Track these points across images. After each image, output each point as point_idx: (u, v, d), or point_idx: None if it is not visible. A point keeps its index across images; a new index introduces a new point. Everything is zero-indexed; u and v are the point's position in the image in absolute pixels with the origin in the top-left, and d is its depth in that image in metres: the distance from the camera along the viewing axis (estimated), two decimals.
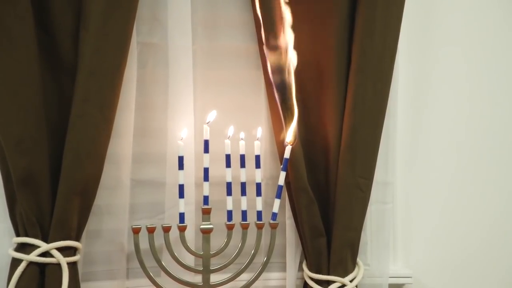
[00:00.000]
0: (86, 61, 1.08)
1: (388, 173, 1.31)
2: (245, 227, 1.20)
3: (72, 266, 1.09)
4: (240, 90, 1.30)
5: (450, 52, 1.41)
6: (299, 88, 1.22)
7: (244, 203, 1.19)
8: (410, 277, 1.37)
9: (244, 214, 1.19)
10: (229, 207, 1.18)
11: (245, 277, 1.21)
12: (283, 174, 1.20)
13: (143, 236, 1.15)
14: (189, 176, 1.21)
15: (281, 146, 1.22)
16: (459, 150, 1.42)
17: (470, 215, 1.42)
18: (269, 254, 1.21)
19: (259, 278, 1.22)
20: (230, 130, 1.20)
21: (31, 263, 1.06)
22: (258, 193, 1.20)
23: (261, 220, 1.21)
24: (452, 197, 1.42)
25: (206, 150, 1.17)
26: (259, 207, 1.21)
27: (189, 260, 1.21)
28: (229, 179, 1.18)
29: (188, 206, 1.20)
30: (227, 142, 1.18)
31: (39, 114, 1.07)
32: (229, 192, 1.18)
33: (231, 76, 1.30)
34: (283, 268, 1.29)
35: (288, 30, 1.20)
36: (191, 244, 1.20)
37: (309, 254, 1.23)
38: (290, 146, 1.20)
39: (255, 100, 1.29)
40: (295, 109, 1.20)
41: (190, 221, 1.21)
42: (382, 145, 1.25)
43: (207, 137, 1.17)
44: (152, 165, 1.25)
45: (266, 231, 1.22)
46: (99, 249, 1.22)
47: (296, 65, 1.21)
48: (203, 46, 1.27)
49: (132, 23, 1.14)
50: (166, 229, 1.16)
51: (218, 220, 1.19)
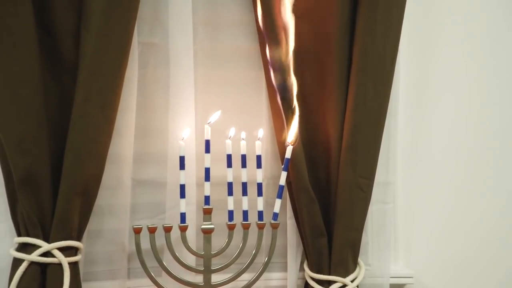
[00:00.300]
0: (87, 61, 1.08)
1: (389, 173, 1.31)
2: (246, 227, 1.20)
3: (73, 266, 1.09)
4: (241, 90, 1.30)
5: (451, 52, 1.41)
6: (300, 88, 1.21)
7: (245, 203, 1.19)
8: (411, 277, 1.36)
9: (245, 214, 1.19)
10: (230, 207, 1.18)
11: (246, 277, 1.21)
12: (284, 174, 1.20)
13: (144, 236, 1.15)
14: (190, 176, 1.21)
15: (282, 146, 1.22)
16: (460, 150, 1.42)
17: (471, 215, 1.42)
18: (270, 254, 1.21)
19: (260, 278, 1.22)
20: (231, 131, 1.20)
21: (32, 263, 1.06)
22: (259, 193, 1.20)
23: (262, 220, 1.21)
24: (453, 197, 1.42)
25: (207, 150, 1.17)
26: (260, 207, 1.20)
27: (190, 260, 1.21)
28: (230, 179, 1.18)
29: (189, 206, 1.20)
30: (228, 142, 1.18)
31: (40, 114, 1.07)
32: (230, 192, 1.18)
33: (232, 76, 1.30)
34: (284, 268, 1.29)
35: (289, 30, 1.20)
36: (192, 244, 1.19)
37: (310, 254, 1.23)
38: (291, 146, 1.20)
39: (256, 100, 1.29)
40: (296, 109, 1.21)
41: (191, 221, 1.21)
42: (383, 145, 1.25)
43: (208, 137, 1.17)
44: (153, 165, 1.25)
45: (267, 231, 1.22)
46: (100, 249, 1.22)
47: (297, 65, 1.21)
48: (204, 46, 1.27)
49: (133, 23, 1.14)
50: (167, 229, 1.16)
51: (219, 220, 1.19)
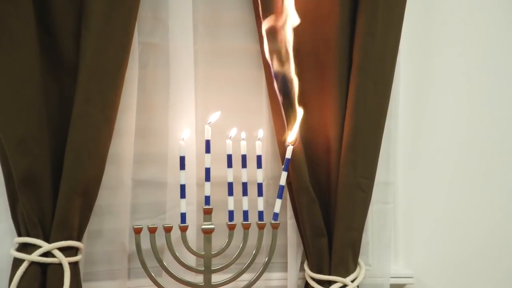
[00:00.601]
0: (87, 61, 1.08)
1: (389, 173, 1.31)
2: (246, 227, 1.20)
3: (74, 266, 1.09)
4: (241, 89, 1.30)
5: (451, 52, 1.41)
6: (300, 88, 1.21)
7: (245, 203, 1.19)
8: (412, 277, 1.37)
9: (245, 214, 1.19)
10: (231, 207, 1.18)
11: (247, 277, 1.21)
12: (284, 174, 1.20)
13: (145, 236, 1.15)
14: (190, 176, 1.21)
15: (282, 146, 1.22)
16: (460, 150, 1.42)
17: (471, 215, 1.42)
18: (270, 254, 1.21)
19: (261, 278, 1.22)
20: (232, 131, 1.19)
21: (32, 263, 1.05)
22: (260, 193, 1.20)
23: (262, 220, 1.21)
24: (453, 197, 1.42)
25: (208, 150, 1.17)
26: (261, 207, 1.21)
27: (191, 260, 1.21)
28: (230, 179, 1.18)
29: (190, 206, 1.20)
30: (229, 142, 1.18)
31: (40, 114, 1.07)
32: (231, 192, 1.18)
33: (233, 76, 1.30)
34: (285, 268, 1.29)
35: (289, 30, 1.20)
36: (193, 244, 1.19)
37: (310, 254, 1.23)
38: (292, 146, 1.19)
39: (256, 100, 1.29)
40: (297, 109, 1.20)
41: (192, 221, 1.21)
42: (384, 145, 1.25)
43: (208, 137, 1.17)
44: (153, 165, 1.25)
45: (267, 231, 1.22)
46: (100, 249, 1.22)
47: (297, 65, 1.21)
48: (204, 46, 1.27)
49: (134, 23, 1.14)
50: (168, 229, 1.16)
51: (219, 220, 1.19)
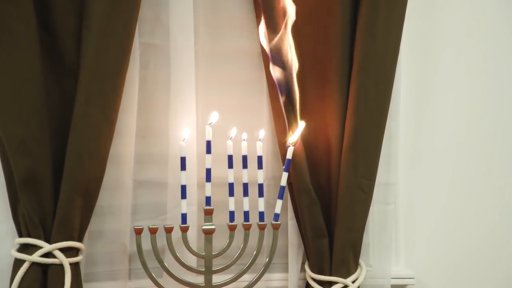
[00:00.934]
0: (88, 61, 1.08)
1: (390, 174, 1.31)
2: (247, 228, 1.20)
3: (75, 266, 1.09)
4: (242, 90, 1.30)
5: (452, 53, 1.40)
6: (301, 89, 1.21)
7: (246, 204, 1.19)
8: (412, 278, 1.36)
9: (246, 214, 1.19)
10: (231, 208, 1.18)
11: (247, 277, 1.21)
12: (285, 175, 1.20)
13: (145, 236, 1.15)
14: (191, 177, 1.21)
15: (283, 147, 1.22)
16: (461, 151, 1.42)
17: (472, 216, 1.42)
18: (271, 255, 1.21)
19: (261, 279, 1.22)
20: (232, 132, 1.20)
21: (33, 264, 1.06)
22: (260, 194, 1.20)
23: (263, 221, 1.21)
24: (454, 198, 1.42)
25: (208, 151, 1.17)
26: (261, 208, 1.20)
27: (191, 260, 1.21)
28: (231, 180, 1.18)
29: (190, 206, 1.20)
30: (229, 143, 1.18)
31: (41, 114, 1.07)
32: (231, 193, 1.18)
33: (233, 77, 1.30)
34: (285, 269, 1.29)
35: (290, 30, 1.20)
36: (193, 245, 1.19)
37: (311, 255, 1.23)
38: (292, 147, 1.19)
39: (257, 101, 1.29)
40: (298, 110, 1.20)
41: (192, 221, 1.21)
42: (384, 146, 1.25)
43: (209, 137, 1.17)
44: (154, 165, 1.25)
45: (268, 232, 1.22)
46: (101, 249, 1.22)
47: (298, 65, 1.21)
48: (205, 46, 1.27)
49: (135, 23, 1.14)
50: (168, 230, 1.16)
51: (220, 220, 1.19)
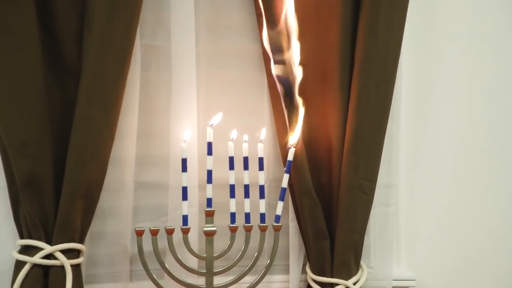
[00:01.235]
0: (89, 63, 1.08)
1: (391, 175, 1.31)
2: (248, 230, 1.20)
3: (76, 268, 1.09)
4: (243, 92, 1.30)
5: (454, 54, 1.40)
6: (302, 90, 1.21)
7: (247, 205, 1.19)
8: (414, 280, 1.36)
9: (247, 216, 1.19)
10: (232, 209, 1.18)
11: (248, 279, 1.21)
12: (286, 177, 1.20)
13: (147, 238, 1.15)
14: (192, 178, 1.21)
15: (284, 148, 1.22)
16: (463, 153, 1.41)
17: (473, 218, 1.42)
18: (272, 257, 1.21)
19: (262, 281, 1.21)
20: (233, 133, 1.20)
21: (35, 265, 1.06)
22: (262, 196, 1.20)
23: (264, 222, 1.20)
24: (455, 199, 1.41)
25: (210, 152, 1.17)
26: (263, 210, 1.20)
27: (192, 262, 1.20)
28: (232, 181, 1.18)
29: (192, 208, 1.20)
30: (231, 144, 1.18)
31: (43, 116, 1.07)
32: (233, 194, 1.18)
33: (234, 78, 1.30)
34: (287, 271, 1.29)
35: (291, 31, 1.20)
36: (194, 247, 1.20)
37: (312, 257, 1.23)
38: (294, 148, 1.19)
39: (258, 102, 1.29)
40: (300, 111, 1.20)
41: (194, 223, 1.20)
42: (386, 148, 1.25)
43: (210, 139, 1.17)
44: (155, 167, 1.25)
45: (269, 233, 1.22)
46: (102, 251, 1.22)
47: (299, 67, 1.21)
48: (206, 48, 1.27)
49: (136, 25, 1.14)
50: (170, 231, 1.16)
51: (221, 222, 1.19)
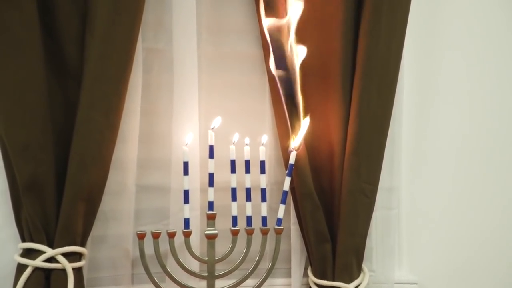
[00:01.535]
0: (91, 66, 1.08)
1: (393, 178, 1.31)
2: (250, 233, 1.19)
3: (77, 271, 1.09)
4: (245, 95, 1.30)
5: (455, 57, 1.40)
6: (304, 93, 1.21)
7: (249, 209, 1.19)
8: (416, 284, 1.36)
9: (249, 219, 1.19)
10: (234, 213, 1.18)
11: (250, 283, 1.20)
12: (288, 180, 1.20)
13: (148, 241, 1.15)
14: (194, 182, 1.20)
15: (286, 151, 1.22)
16: (465, 156, 1.41)
17: (476, 221, 1.42)
18: (274, 260, 1.21)
19: (264, 284, 1.21)
20: (235, 137, 1.20)
21: (36, 269, 1.05)
22: (263, 199, 1.20)
23: (266, 225, 1.20)
24: (457, 203, 1.41)
25: (211, 156, 1.17)
26: (264, 213, 1.20)
27: (194, 265, 1.20)
28: (234, 185, 1.18)
29: (193, 211, 1.20)
30: (232, 147, 1.18)
31: (44, 119, 1.07)
32: (234, 198, 1.18)
33: (236, 82, 1.30)
34: (288, 274, 1.29)
35: (293, 35, 1.20)
36: (196, 250, 1.19)
37: (314, 260, 1.23)
38: (295, 152, 1.19)
39: (260, 105, 1.29)
40: (302, 114, 1.21)
41: (195, 226, 1.20)
42: (387, 151, 1.24)
43: (212, 142, 1.17)
44: (157, 170, 1.25)
45: (271, 236, 1.22)
46: (104, 254, 1.21)
47: (301, 69, 1.21)
48: (208, 51, 1.28)
49: (138, 28, 1.14)
50: (171, 235, 1.16)
51: (223, 225, 1.19)
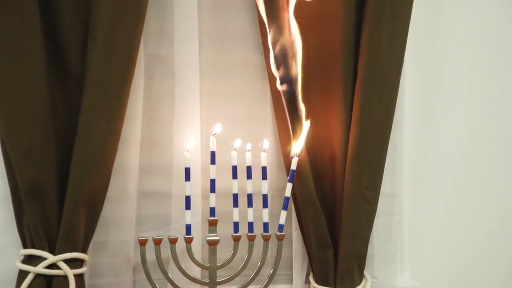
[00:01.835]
0: (93, 72, 1.08)
1: (395, 185, 1.31)
2: (251, 239, 1.19)
3: (79, 278, 1.09)
4: (246, 101, 1.30)
5: (457, 63, 1.40)
6: (305, 99, 1.22)
7: (250, 215, 1.19)
8: None
9: (250, 225, 1.19)
10: (236, 219, 1.18)
11: None
12: (289, 186, 1.20)
13: (150, 247, 1.15)
14: (195, 188, 1.20)
15: (287, 157, 1.22)
16: (466, 162, 1.41)
17: (477, 227, 1.41)
18: (275, 266, 1.21)
19: None
20: (237, 142, 1.20)
21: (38, 275, 1.05)
22: (265, 205, 1.20)
23: (267, 231, 1.20)
24: (459, 209, 1.41)
25: (213, 161, 1.17)
26: (266, 219, 1.20)
27: (196, 272, 1.20)
28: (235, 191, 1.18)
29: (195, 217, 1.20)
30: (234, 153, 1.18)
31: (47, 125, 1.07)
32: (236, 204, 1.18)
33: (238, 87, 1.30)
34: (290, 280, 1.29)
35: (295, 42, 1.20)
36: (198, 256, 1.19)
37: (315, 266, 1.23)
38: (297, 158, 1.19)
39: (261, 111, 1.29)
40: (303, 120, 1.21)
41: (197, 232, 1.20)
42: (389, 157, 1.24)
43: (213, 148, 1.17)
44: (158, 176, 1.25)
45: (272, 242, 1.22)
46: (105, 261, 1.21)
47: (302, 76, 1.21)
48: (209, 57, 1.28)
49: (140, 34, 1.14)
50: (173, 241, 1.15)
51: (224, 231, 1.19)
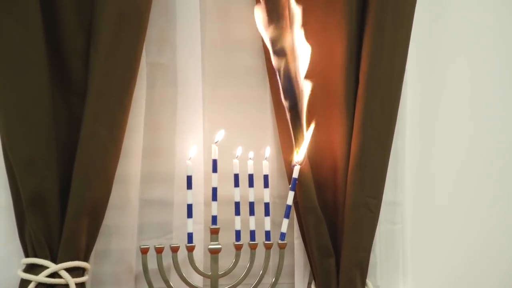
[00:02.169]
0: (95, 81, 1.09)
1: (397, 193, 1.31)
2: (253, 247, 1.19)
3: (81, 286, 1.09)
4: (248, 109, 1.30)
5: (459, 72, 1.40)
6: (307, 107, 1.22)
7: (252, 223, 1.19)
8: None
9: (252, 234, 1.19)
10: (237, 227, 1.18)
11: None
12: (291, 194, 1.20)
13: (151, 256, 1.15)
14: (197, 196, 1.20)
15: (289, 165, 1.22)
16: (468, 170, 1.41)
17: (480, 235, 1.41)
18: (277, 275, 1.21)
19: None
20: (238, 150, 1.20)
21: (39, 284, 1.05)
22: (267, 213, 1.20)
23: (269, 240, 1.20)
24: (462, 217, 1.40)
25: (215, 170, 1.17)
26: (268, 227, 1.20)
27: (197, 280, 1.20)
28: (237, 199, 1.18)
29: (197, 225, 1.19)
30: (236, 161, 1.18)
31: (49, 134, 1.07)
32: (238, 212, 1.18)
33: (240, 96, 1.30)
34: None
35: (297, 48, 1.21)
36: (199, 264, 1.19)
37: (317, 275, 1.22)
38: (299, 166, 1.19)
39: (263, 119, 1.29)
40: (305, 129, 1.21)
41: (199, 241, 1.20)
42: (391, 165, 1.24)
43: (215, 156, 1.17)
44: (160, 184, 1.25)
45: (274, 251, 1.21)
46: (107, 269, 1.21)
47: (304, 84, 1.22)
48: (211, 65, 1.28)
49: (142, 43, 1.15)
50: (174, 249, 1.15)
51: (226, 240, 1.19)
